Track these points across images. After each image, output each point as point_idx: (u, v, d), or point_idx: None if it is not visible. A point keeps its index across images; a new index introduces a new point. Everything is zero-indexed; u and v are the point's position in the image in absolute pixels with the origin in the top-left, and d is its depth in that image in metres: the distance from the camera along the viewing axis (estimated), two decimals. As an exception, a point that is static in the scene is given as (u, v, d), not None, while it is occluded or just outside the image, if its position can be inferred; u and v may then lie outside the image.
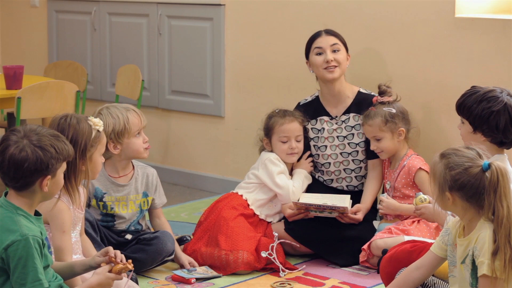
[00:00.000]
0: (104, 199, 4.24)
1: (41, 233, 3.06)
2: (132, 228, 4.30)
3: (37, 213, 3.14)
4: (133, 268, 3.29)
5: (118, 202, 4.27)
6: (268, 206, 4.59)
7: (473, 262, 3.06)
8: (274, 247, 4.30)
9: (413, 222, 4.31)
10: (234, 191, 4.64)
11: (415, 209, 3.95)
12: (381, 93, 4.54)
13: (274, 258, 4.27)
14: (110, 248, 3.31)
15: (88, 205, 4.24)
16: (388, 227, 4.30)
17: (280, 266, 4.28)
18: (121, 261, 3.25)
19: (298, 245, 4.46)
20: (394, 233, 4.22)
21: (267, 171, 4.57)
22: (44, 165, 3.04)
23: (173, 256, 4.28)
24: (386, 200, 4.38)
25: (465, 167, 3.04)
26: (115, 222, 4.28)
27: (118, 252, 3.29)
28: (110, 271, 3.23)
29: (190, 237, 4.54)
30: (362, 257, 4.32)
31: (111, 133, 4.15)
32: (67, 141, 3.14)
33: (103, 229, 4.22)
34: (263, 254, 4.27)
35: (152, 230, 4.40)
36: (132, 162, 4.34)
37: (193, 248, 4.39)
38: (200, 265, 4.33)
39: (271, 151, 4.65)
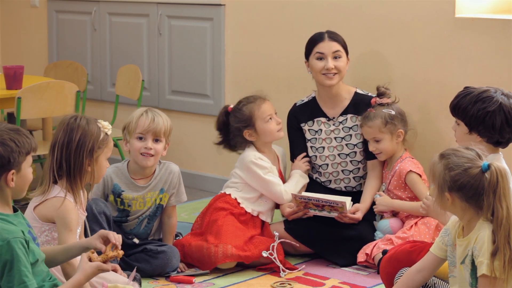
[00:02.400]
0: (121, 196, 4.27)
1: (22, 232, 3.06)
2: (143, 226, 4.31)
3: (15, 209, 3.13)
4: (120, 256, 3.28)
5: (136, 201, 4.29)
6: (258, 203, 4.56)
7: (473, 262, 3.06)
8: (275, 247, 4.30)
9: (411, 227, 4.32)
10: (222, 191, 4.60)
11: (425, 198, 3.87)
12: (380, 94, 4.54)
13: (274, 258, 4.28)
14: (110, 233, 3.30)
15: (106, 200, 4.27)
16: (389, 237, 4.31)
17: (281, 266, 4.28)
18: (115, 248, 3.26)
19: (297, 245, 4.46)
20: (396, 244, 4.21)
21: (254, 177, 4.52)
22: (5, 160, 3.03)
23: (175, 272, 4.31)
24: (379, 198, 4.42)
25: (464, 167, 3.04)
26: (128, 218, 4.30)
27: (119, 238, 3.30)
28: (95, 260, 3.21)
29: (181, 234, 4.57)
30: (360, 258, 4.33)
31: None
32: (29, 134, 3.14)
33: (115, 226, 4.24)
34: (264, 254, 4.27)
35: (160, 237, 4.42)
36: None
37: (182, 243, 4.38)
38: (188, 261, 4.36)
39: (254, 141, 4.58)
